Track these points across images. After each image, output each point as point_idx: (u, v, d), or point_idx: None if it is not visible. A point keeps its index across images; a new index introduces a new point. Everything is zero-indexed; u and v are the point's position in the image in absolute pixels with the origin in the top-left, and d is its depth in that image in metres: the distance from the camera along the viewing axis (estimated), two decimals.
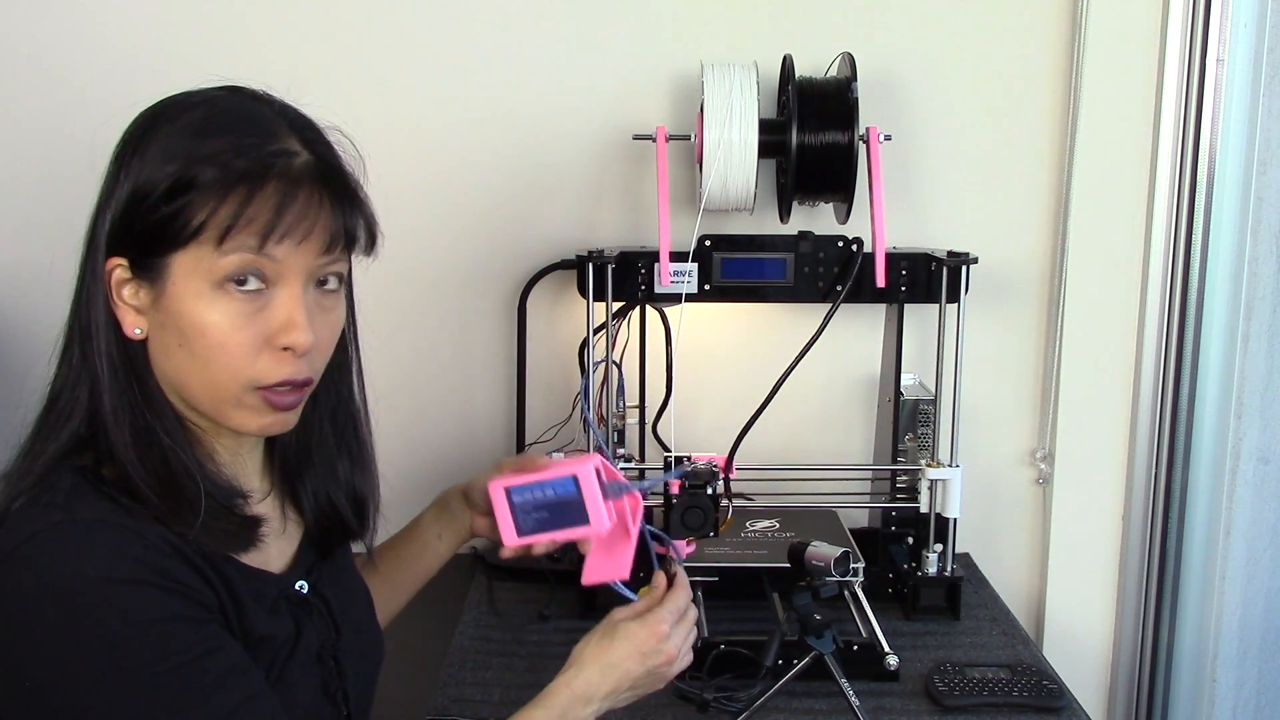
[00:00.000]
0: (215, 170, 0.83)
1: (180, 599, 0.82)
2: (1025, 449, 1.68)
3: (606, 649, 1.02)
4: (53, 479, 0.84)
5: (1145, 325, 1.60)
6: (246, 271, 0.84)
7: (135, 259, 0.85)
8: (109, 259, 0.86)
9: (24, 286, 1.60)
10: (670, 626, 1.04)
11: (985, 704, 1.24)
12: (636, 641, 1.02)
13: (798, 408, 1.62)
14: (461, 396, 1.66)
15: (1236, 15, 1.50)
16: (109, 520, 0.82)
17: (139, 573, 0.80)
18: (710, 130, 1.41)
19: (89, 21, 1.57)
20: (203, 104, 0.88)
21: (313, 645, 0.95)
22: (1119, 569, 1.67)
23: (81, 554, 0.79)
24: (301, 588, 0.97)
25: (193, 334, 0.85)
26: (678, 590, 1.08)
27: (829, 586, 1.23)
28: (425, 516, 1.24)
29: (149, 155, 0.85)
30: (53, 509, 0.81)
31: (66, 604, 0.78)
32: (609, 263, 1.43)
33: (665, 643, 1.03)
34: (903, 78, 1.58)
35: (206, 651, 0.82)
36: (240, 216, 0.82)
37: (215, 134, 0.85)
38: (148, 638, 0.79)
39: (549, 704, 0.98)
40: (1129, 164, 1.57)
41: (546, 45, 1.58)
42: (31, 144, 1.59)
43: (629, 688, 1.02)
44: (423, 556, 1.22)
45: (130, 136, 0.87)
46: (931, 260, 1.47)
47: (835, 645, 1.18)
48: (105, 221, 0.86)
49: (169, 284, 0.85)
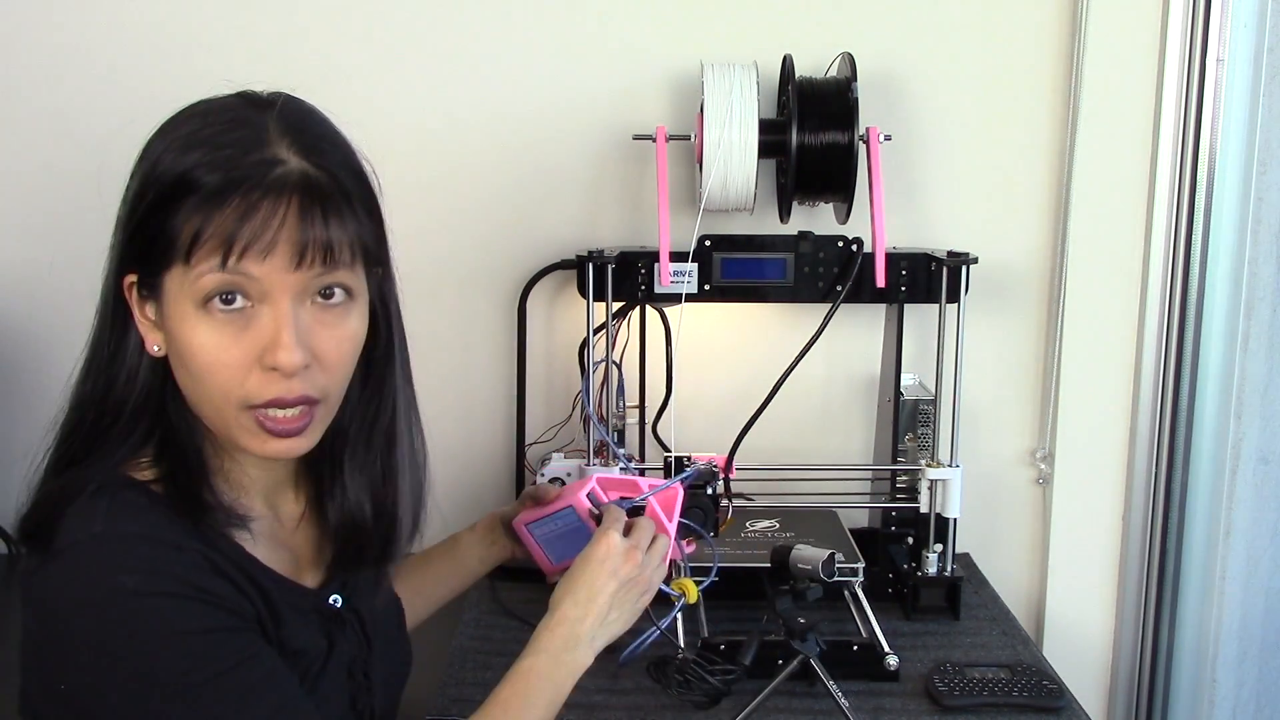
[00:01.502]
0: (201, 181, 0.81)
1: (217, 610, 0.81)
2: (1025, 449, 1.68)
3: (570, 580, 1.04)
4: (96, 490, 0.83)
5: (1145, 325, 1.60)
6: (223, 289, 0.81)
7: (141, 276, 0.85)
8: (125, 274, 0.85)
9: (24, 287, 1.60)
10: (618, 535, 1.05)
11: (985, 704, 1.24)
12: (593, 560, 1.04)
13: (798, 408, 1.62)
14: (461, 396, 1.66)
15: (1236, 15, 1.50)
16: (148, 534, 0.82)
17: (175, 586, 0.80)
18: (710, 130, 1.41)
19: (90, 23, 1.57)
20: (200, 114, 0.86)
21: (344, 659, 0.95)
22: (1119, 569, 1.67)
23: (120, 566, 0.79)
24: (335, 602, 0.96)
25: (186, 355, 0.83)
26: (609, 508, 1.11)
27: (814, 589, 1.23)
28: (469, 537, 1.26)
29: (143, 168, 0.84)
30: (93, 519, 0.81)
31: (102, 615, 0.78)
32: (609, 263, 1.43)
33: (622, 552, 1.04)
34: (903, 78, 1.58)
35: (242, 661, 0.81)
36: (201, 233, 0.80)
37: (198, 146, 0.82)
38: (183, 649, 0.79)
39: (536, 648, 0.99)
40: (1129, 164, 1.57)
41: (546, 45, 1.58)
42: (32, 144, 1.59)
43: (611, 607, 1.03)
44: (459, 574, 1.26)
45: (142, 152, 0.86)
46: (931, 260, 1.47)
47: (820, 648, 1.18)
48: (118, 235, 0.86)
49: (166, 303, 0.84)
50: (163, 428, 0.87)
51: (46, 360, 1.56)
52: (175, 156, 0.83)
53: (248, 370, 0.83)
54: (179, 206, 0.81)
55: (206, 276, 0.81)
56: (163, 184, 0.82)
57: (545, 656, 0.98)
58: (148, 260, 0.83)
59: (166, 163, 0.83)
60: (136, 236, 0.83)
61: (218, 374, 0.83)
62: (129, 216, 0.84)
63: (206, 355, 0.82)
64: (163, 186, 0.82)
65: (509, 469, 1.64)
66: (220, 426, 0.86)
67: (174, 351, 0.85)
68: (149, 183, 0.83)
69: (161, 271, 0.83)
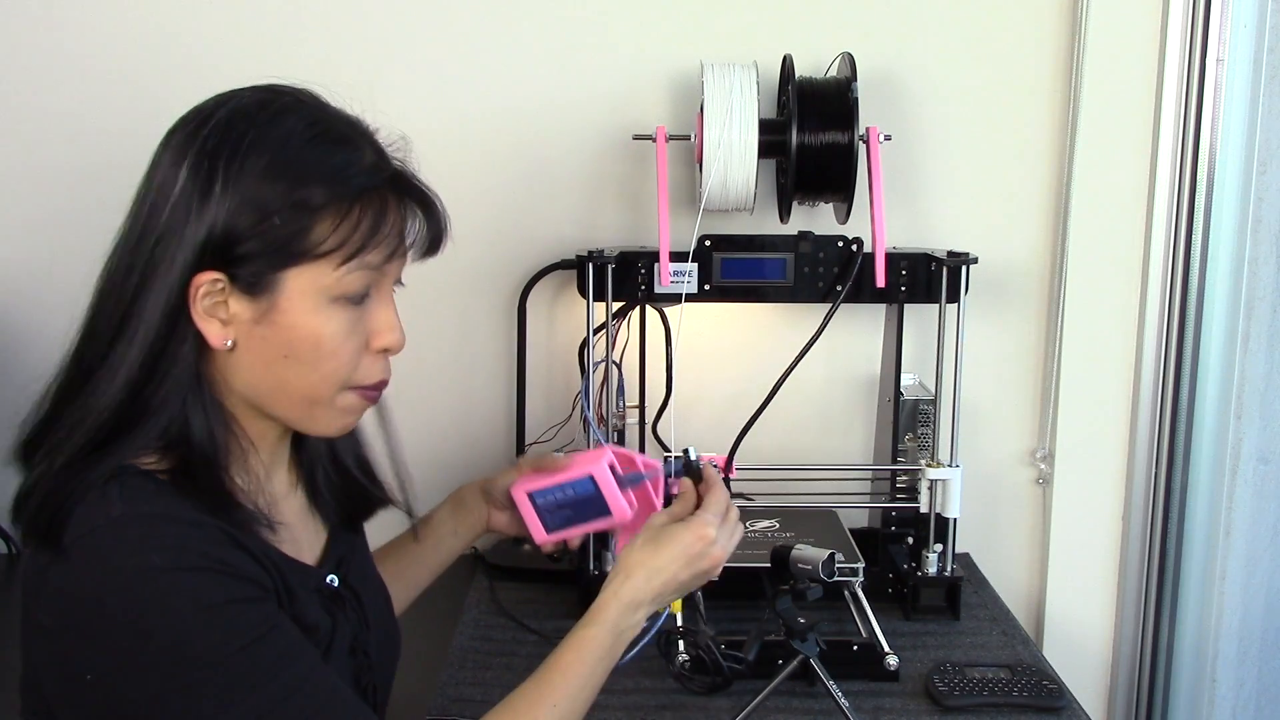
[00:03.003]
0: (334, 188, 0.84)
1: (242, 582, 0.82)
2: (1025, 449, 1.68)
3: (653, 554, 1.02)
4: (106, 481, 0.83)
5: (1145, 325, 1.60)
6: (365, 285, 0.87)
7: (233, 273, 0.83)
8: (201, 272, 0.83)
9: (24, 287, 1.60)
10: (715, 530, 1.03)
11: (985, 704, 1.24)
12: (683, 544, 1.02)
13: (798, 408, 1.62)
14: (461, 396, 1.66)
15: (1236, 15, 1.50)
16: (166, 513, 0.82)
17: (201, 561, 0.81)
18: (710, 130, 1.41)
19: (91, 24, 1.57)
20: (285, 117, 0.85)
21: (346, 637, 0.96)
22: (1119, 569, 1.67)
23: (146, 546, 0.80)
24: (332, 581, 0.98)
25: (305, 345, 0.86)
26: (714, 490, 1.08)
27: (814, 589, 1.23)
28: (439, 513, 1.24)
29: (245, 175, 0.82)
30: (109, 505, 0.81)
31: (134, 594, 0.78)
32: (609, 263, 1.43)
33: (712, 546, 1.03)
34: (903, 78, 1.58)
35: (271, 629, 0.83)
36: (371, 238, 0.85)
37: (322, 147, 0.85)
38: (216, 620, 0.80)
39: (601, 619, 0.99)
40: (1129, 164, 1.57)
41: (547, 45, 1.58)
42: (32, 144, 1.59)
43: (674, 590, 1.03)
44: (436, 551, 1.23)
45: (213, 149, 0.83)
46: (931, 260, 1.47)
47: (820, 647, 1.18)
48: (188, 237, 0.82)
49: (280, 298, 0.84)
50: (181, 420, 0.86)
51: (46, 360, 1.56)
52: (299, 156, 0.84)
53: (359, 355, 0.89)
54: (327, 210, 0.84)
55: (356, 274, 0.86)
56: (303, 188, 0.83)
57: (606, 628, 0.98)
58: (263, 259, 0.83)
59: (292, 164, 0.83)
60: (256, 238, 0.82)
61: (336, 360, 0.88)
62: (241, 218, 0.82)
63: (332, 343, 0.87)
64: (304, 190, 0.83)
65: None
66: (306, 410, 0.89)
67: (279, 343, 0.86)
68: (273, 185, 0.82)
69: (279, 269, 0.84)
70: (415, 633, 1.26)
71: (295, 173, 0.83)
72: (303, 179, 0.83)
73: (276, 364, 0.87)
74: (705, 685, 1.16)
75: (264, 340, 0.86)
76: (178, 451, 0.86)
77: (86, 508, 0.81)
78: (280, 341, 0.86)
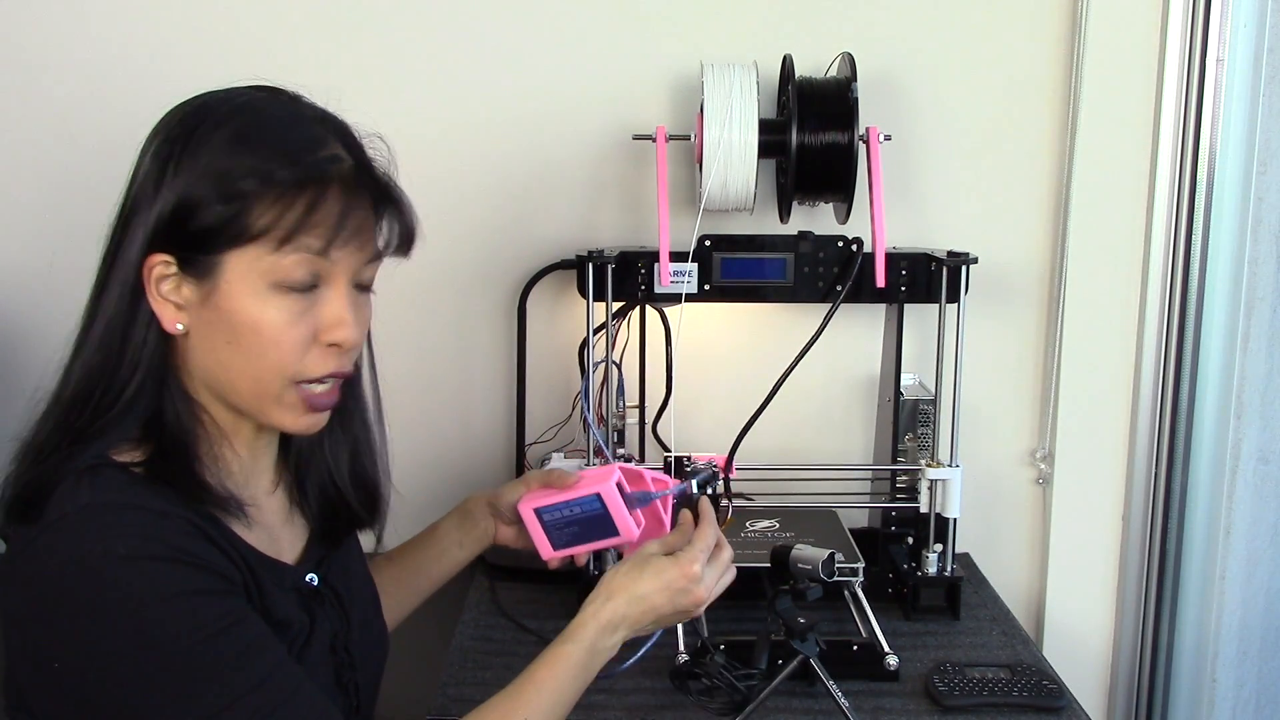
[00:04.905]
0: (279, 173, 0.84)
1: (207, 574, 0.83)
2: (1025, 449, 1.68)
3: (636, 580, 1.02)
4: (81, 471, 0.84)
5: (1145, 325, 1.60)
6: (311, 274, 0.86)
7: (182, 256, 0.85)
8: (150, 255, 0.85)
9: (24, 286, 1.60)
10: (702, 567, 1.04)
11: (985, 704, 1.24)
12: (668, 578, 1.02)
13: (798, 408, 1.62)
14: (461, 396, 1.66)
15: (1236, 15, 1.50)
16: (135, 503, 0.83)
17: (167, 551, 0.81)
18: (710, 130, 1.41)
19: (90, 24, 1.57)
20: (249, 106, 0.88)
21: (325, 635, 0.96)
22: (1119, 569, 1.67)
23: (111, 534, 0.80)
24: (312, 580, 0.98)
25: (245, 331, 0.86)
26: (705, 528, 1.08)
27: (814, 589, 1.23)
28: (446, 523, 1.23)
29: (200, 154, 0.85)
30: (79, 493, 0.82)
31: (97, 581, 0.78)
32: (609, 263, 1.43)
33: (697, 585, 1.03)
34: (903, 78, 1.58)
35: (235, 622, 0.83)
36: (306, 221, 0.84)
37: (269, 136, 0.86)
38: (179, 610, 0.80)
39: (578, 637, 0.99)
40: (1129, 164, 1.57)
41: (546, 45, 1.58)
42: (32, 145, 1.59)
43: (653, 621, 1.03)
44: (440, 562, 1.22)
45: (175, 134, 0.86)
46: (931, 260, 1.47)
47: (820, 647, 1.18)
48: (146, 217, 0.85)
49: (221, 281, 0.85)
50: (154, 410, 0.87)
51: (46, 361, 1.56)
52: (244, 144, 0.84)
53: (306, 347, 0.88)
54: (266, 194, 0.83)
55: (292, 258, 0.85)
56: (240, 172, 0.83)
57: (583, 646, 0.99)
58: (203, 241, 0.84)
59: (235, 151, 0.84)
60: (195, 220, 0.84)
61: (279, 350, 0.87)
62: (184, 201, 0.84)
63: (272, 331, 0.86)
64: (241, 175, 0.83)
65: (509, 469, 1.64)
66: (255, 401, 0.89)
67: (223, 328, 0.86)
68: (215, 170, 0.84)
69: (219, 251, 0.84)
70: (415, 633, 1.26)
71: (242, 155, 0.84)
72: (248, 161, 0.84)
73: (222, 350, 0.87)
74: (727, 705, 1.16)
75: (210, 325, 0.87)
76: (153, 440, 0.87)
77: (58, 498, 0.82)
78: (224, 326, 0.86)
